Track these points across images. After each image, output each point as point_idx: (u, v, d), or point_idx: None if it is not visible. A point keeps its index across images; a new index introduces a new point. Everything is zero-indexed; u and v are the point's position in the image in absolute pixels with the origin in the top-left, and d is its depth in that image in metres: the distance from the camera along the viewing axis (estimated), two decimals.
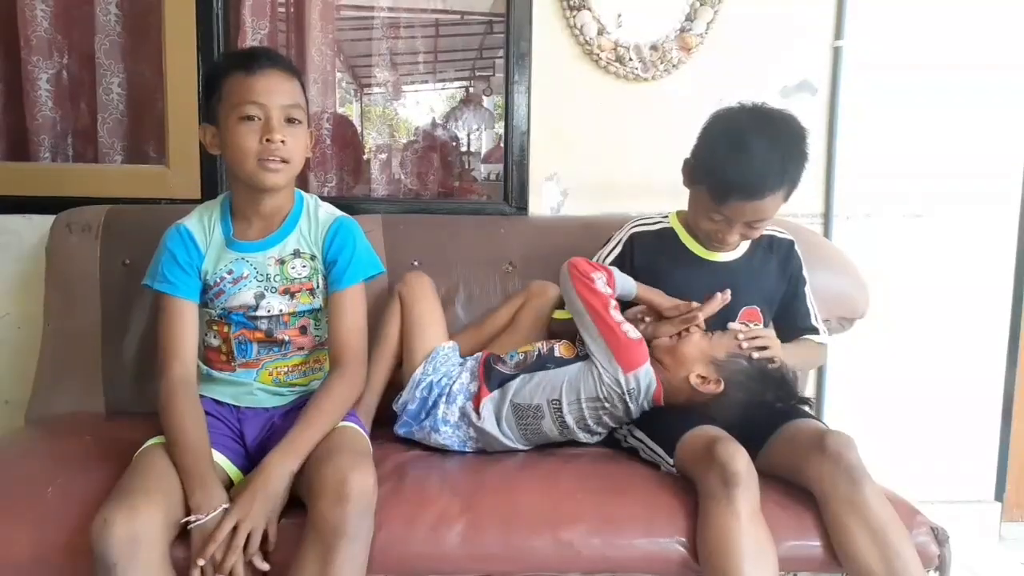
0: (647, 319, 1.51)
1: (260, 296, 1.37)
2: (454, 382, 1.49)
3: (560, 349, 1.51)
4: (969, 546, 2.01)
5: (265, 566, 1.13)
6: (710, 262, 1.57)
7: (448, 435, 1.46)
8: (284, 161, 1.30)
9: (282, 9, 2.18)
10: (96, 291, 1.69)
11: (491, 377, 1.48)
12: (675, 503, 1.27)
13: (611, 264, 1.57)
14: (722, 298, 1.46)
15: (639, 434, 1.43)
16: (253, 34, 2.03)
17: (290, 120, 1.31)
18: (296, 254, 1.39)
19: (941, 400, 2.12)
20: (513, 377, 1.47)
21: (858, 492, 1.21)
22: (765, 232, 1.56)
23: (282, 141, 1.29)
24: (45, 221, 1.77)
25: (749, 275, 1.57)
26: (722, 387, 1.38)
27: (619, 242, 1.61)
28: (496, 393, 1.45)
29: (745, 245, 1.58)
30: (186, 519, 1.12)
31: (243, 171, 1.30)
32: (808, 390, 2.03)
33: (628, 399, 1.39)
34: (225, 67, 1.32)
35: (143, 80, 2.06)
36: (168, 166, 1.93)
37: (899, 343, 2.09)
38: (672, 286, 1.52)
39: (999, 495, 2.17)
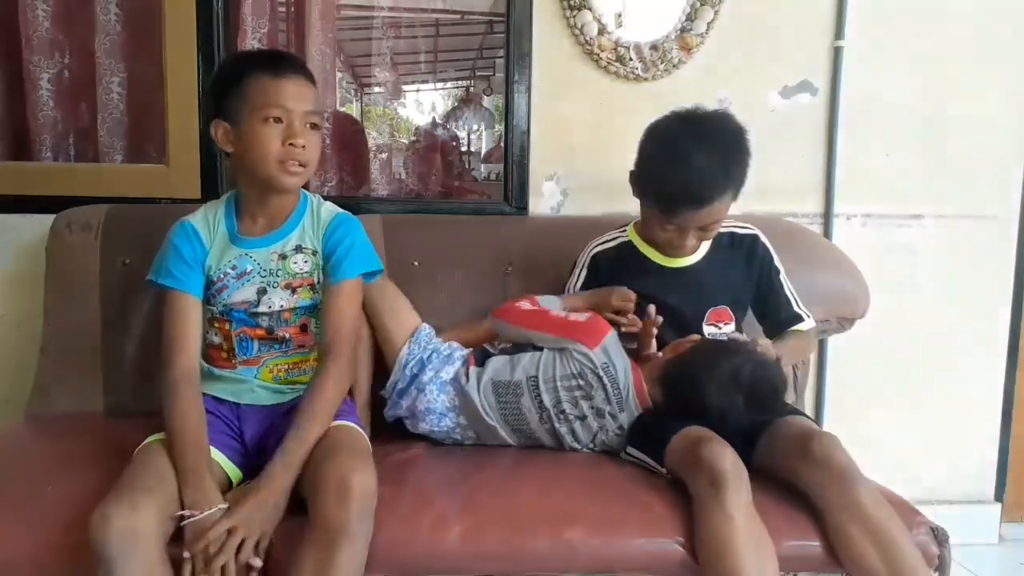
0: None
1: (262, 291, 1.38)
2: (455, 351, 1.53)
3: None
4: (969, 546, 2.00)
5: (257, 562, 1.13)
6: (672, 268, 1.57)
7: (434, 396, 1.47)
8: (303, 165, 1.34)
9: (282, 9, 2.18)
10: (96, 291, 1.69)
11: (479, 356, 1.54)
12: (674, 503, 1.27)
13: (580, 288, 1.61)
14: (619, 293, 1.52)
15: (631, 450, 1.42)
16: (253, 33, 2.02)
17: (310, 126, 1.34)
18: (298, 249, 1.40)
19: (941, 400, 2.12)
20: (497, 355, 1.52)
21: (852, 495, 1.20)
22: (724, 229, 1.56)
23: (303, 146, 1.31)
24: (45, 220, 1.77)
25: (713, 276, 1.57)
26: (699, 336, 1.46)
27: (583, 266, 1.62)
28: (482, 368, 1.50)
29: (706, 246, 1.57)
30: (181, 513, 1.13)
31: (263, 172, 1.32)
32: (808, 390, 2.02)
33: (603, 376, 1.40)
34: (248, 67, 1.33)
35: (143, 80, 2.06)
36: (168, 165, 1.93)
37: (899, 343, 2.09)
38: (640, 298, 1.52)
39: (999, 495, 2.17)
